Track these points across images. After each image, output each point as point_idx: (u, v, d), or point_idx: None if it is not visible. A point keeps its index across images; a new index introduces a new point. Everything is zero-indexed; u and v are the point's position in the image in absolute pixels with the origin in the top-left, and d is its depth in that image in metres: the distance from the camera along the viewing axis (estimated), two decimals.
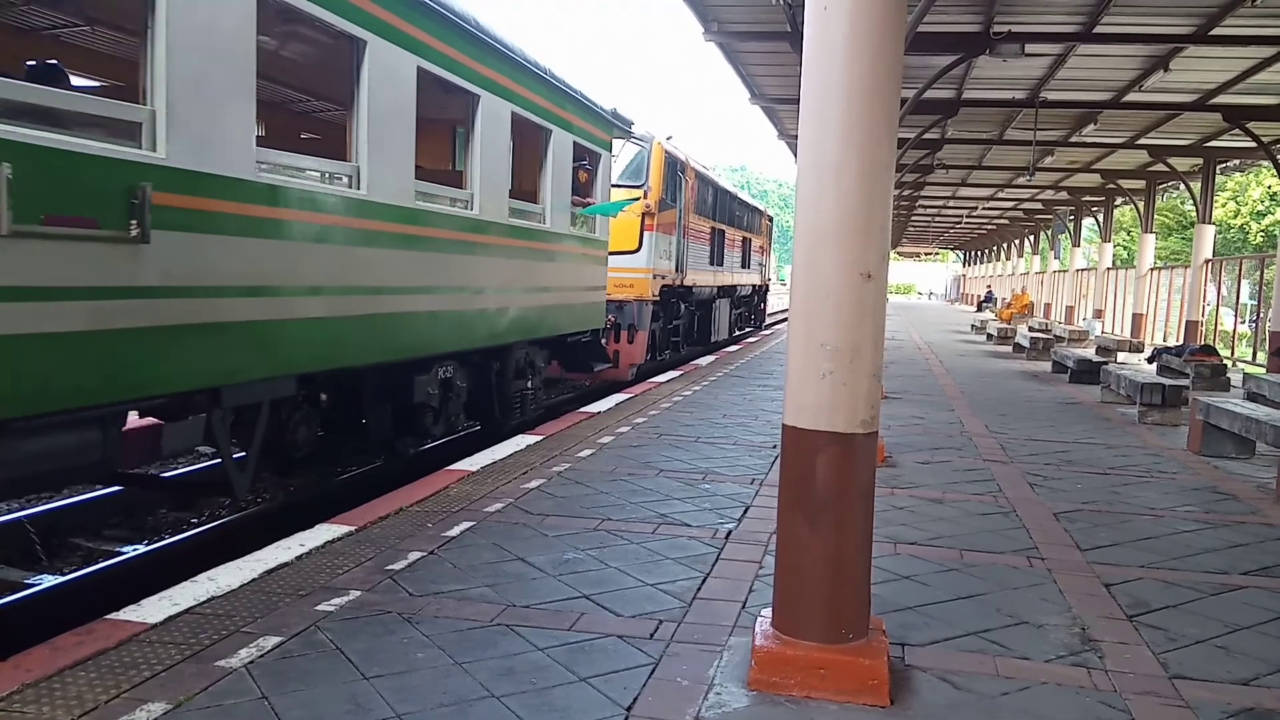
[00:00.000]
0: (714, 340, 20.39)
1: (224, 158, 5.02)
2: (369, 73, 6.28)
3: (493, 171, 8.35)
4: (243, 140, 5.19)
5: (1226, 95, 16.48)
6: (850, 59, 3.29)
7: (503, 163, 8.56)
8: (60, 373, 4.15)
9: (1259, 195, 42.81)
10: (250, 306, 5.34)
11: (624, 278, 13.84)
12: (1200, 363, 14.21)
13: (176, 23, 4.69)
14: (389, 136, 6.61)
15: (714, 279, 19.89)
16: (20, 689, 3.09)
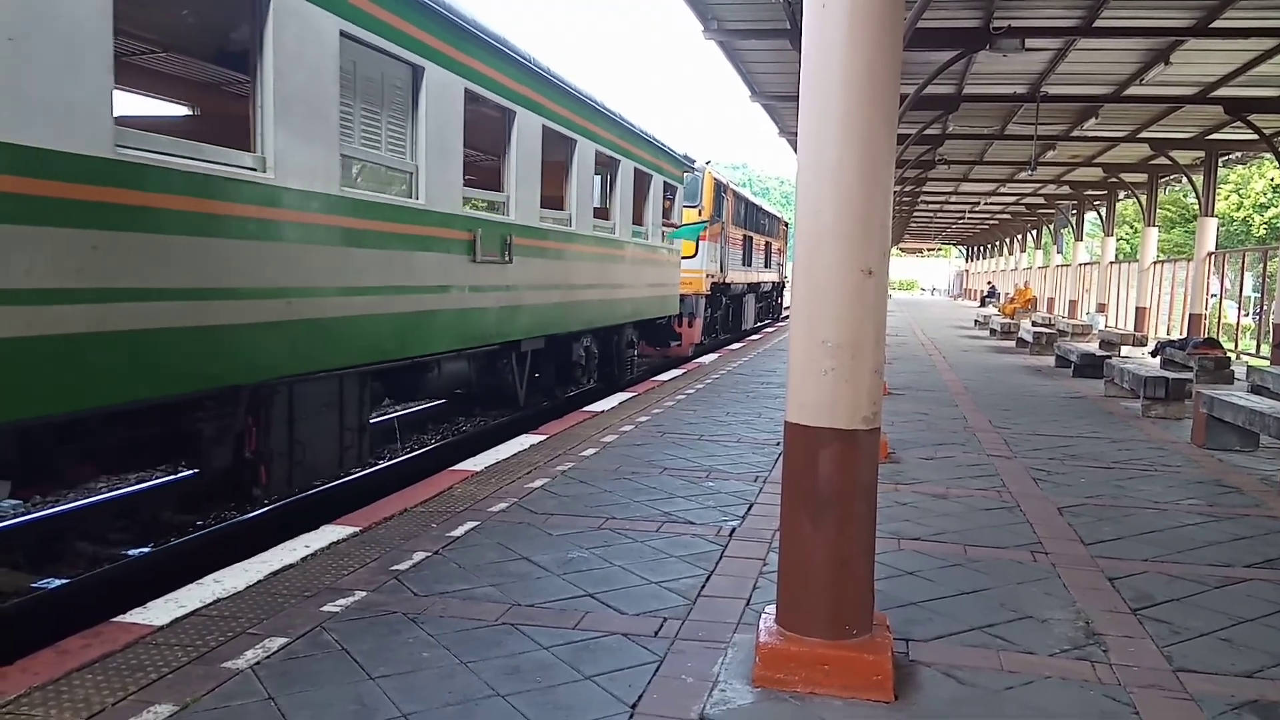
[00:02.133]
0: (743, 328, 24.61)
1: (533, 216, 9.67)
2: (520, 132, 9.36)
3: (624, 204, 12.74)
4: (534, 203, 9.71)
5: (1228, 88, 16.44)
6: (849, 56, 3.29)
7: (629, 198, 12.95)
8: (484, 327, 8.66)
9: (1261, 188, 42.67)
10: (541, 295, 9.91)
11: (686, 277, 17.51)
12: (1204, 356, 14.19)
13: (521, 149, 9.33)
14: (586, 189, 11.25)
15: (744, 277, 24.14)
16: (28, 692, 3.10)
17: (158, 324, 4.88)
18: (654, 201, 14.26)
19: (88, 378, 4.51)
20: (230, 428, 5.85)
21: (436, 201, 7.59)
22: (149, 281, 4.81)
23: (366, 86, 6.72)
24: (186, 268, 5.06)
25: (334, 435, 6.78)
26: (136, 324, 4.74)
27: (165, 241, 4.90)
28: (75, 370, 4.43)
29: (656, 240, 14.52)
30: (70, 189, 4.33)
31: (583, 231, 11.10)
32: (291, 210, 5.89)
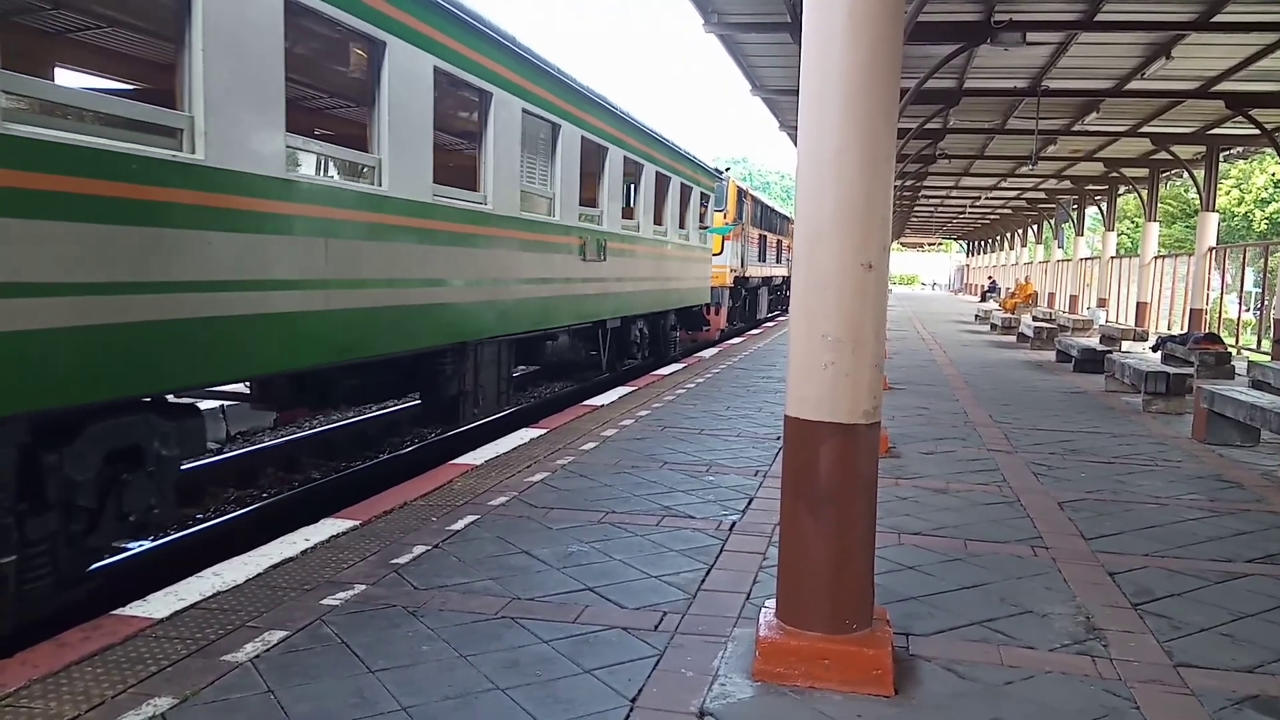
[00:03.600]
0: (758, 317, 27.77)
1: (616, 225, 12.26)
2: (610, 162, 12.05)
3: (672, 212, 15.53)
4: (618, 215, 12.41)
5: (1229, 82, 16.42)
6: (849, 49, 3.28)
7: (675, 208, 15.81)
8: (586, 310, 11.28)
9: (1263, 182, 42.64)
10: (619, 286, 12.62)
11: (714, 271, 20.17)
12: (1204, 351, 14.17)
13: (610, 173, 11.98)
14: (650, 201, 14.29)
15: (760, 271, 27.01)
16: (28, 685, 3.10)
17: (452, 300, 7.94)
18: (693, 209, 17.27)
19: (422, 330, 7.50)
20: (459, 371, 8.48)
21: (566, 218, 10.51)
22: (441, 274, 7.66)
23: (533, 141, 9.59)
24: (453, 264, 7.90)
25: (497, 382, 9.39)
26: (442, 299, 7.74)
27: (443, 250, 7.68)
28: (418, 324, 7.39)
29: (694, 240, 17.44)
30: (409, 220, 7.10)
31: (645, 235, 14.02)
32: (500, 229, 8.81)
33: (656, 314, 15.48)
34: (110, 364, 4.47)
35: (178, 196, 4.80)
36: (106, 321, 4.39)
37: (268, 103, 5.45)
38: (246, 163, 5.27)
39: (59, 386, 4.17)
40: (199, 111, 4.94)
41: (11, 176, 3.90)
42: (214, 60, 4.98)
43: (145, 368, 4.69)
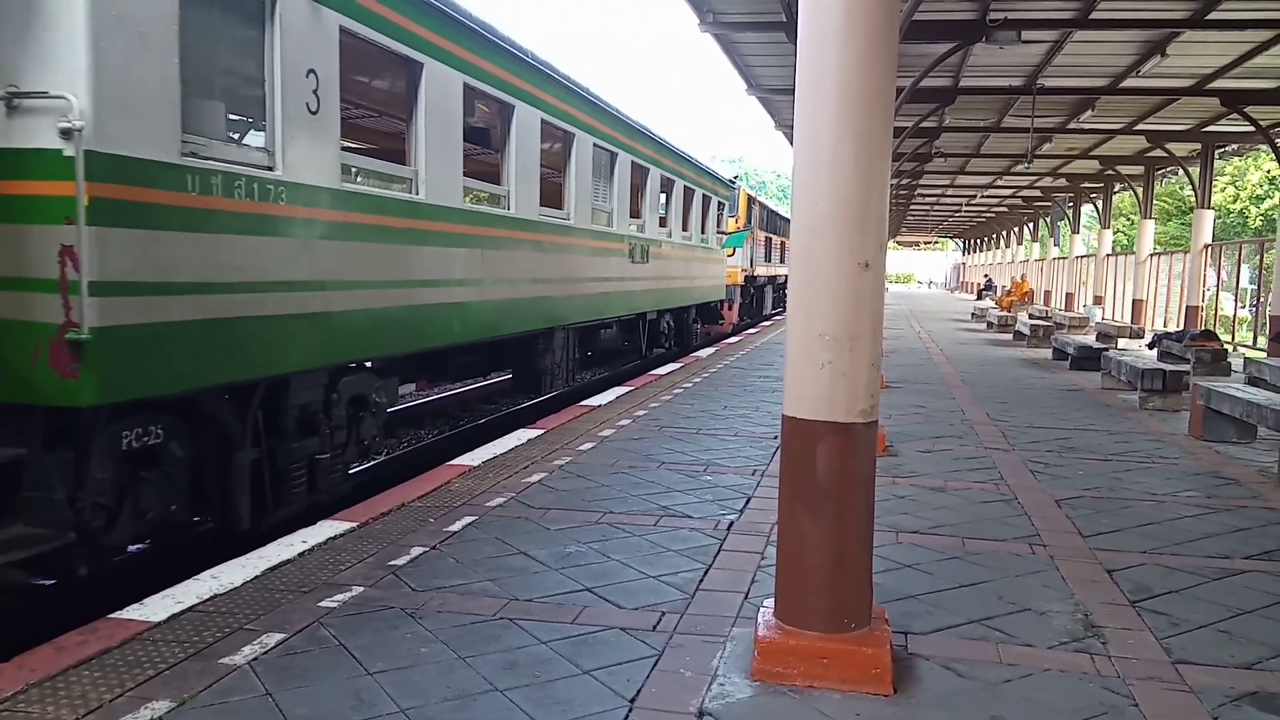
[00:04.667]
0: (763, 313, 30.12)
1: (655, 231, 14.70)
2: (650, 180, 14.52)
3: (695, 220, 17.93)
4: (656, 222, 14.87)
5: (1224, 80, 16.43)
6: (844, 48, 3.28)
7: (698, 216, 18.17)
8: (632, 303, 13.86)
9: (1258, 179, 42.72)
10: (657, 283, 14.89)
11: (728, 271, 22.22)
12: (1201, 348, 14.20)
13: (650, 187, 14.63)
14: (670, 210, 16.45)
15: (766, 271, 29.48)
16: (25, 689, 3.09)
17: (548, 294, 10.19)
18: (711, 216, 19.48)
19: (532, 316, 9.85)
20: (546, 350, 10.88)
21: (620, 227, 12.88)
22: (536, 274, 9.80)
23: (598, 167, 11.88)
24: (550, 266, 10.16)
25: (567, 362, 11.78)
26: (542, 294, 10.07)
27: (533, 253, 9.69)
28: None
29: (713, 244, 19.71)
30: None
31: (675, 240, 16.34)
32: (578, 239, 11.13)
33: (682, 308, 17.85)
34: (375, 335, 6.70)
35: (410, 224, 7.13)
36: (377, 306, 6.64)
37: (453, 158, 7.73)
38: (445, 199, 7.63)
39: (350, 348, 6.46)
40: (421, 166, 7.27)
41: (346, 215, 6.23)
42: (430, 131, 7.29)
43: (390, 338, 6.95)
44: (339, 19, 6.06)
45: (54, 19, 4.20)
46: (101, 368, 4.30)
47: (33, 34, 4.22)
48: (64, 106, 4.17)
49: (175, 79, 4.72)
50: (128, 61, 4.42)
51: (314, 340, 5.91)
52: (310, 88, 5.81)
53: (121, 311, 4.41)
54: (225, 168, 5.09)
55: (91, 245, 4.25)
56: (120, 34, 4.37)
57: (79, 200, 4.20)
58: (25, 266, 4.26)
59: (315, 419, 6.23)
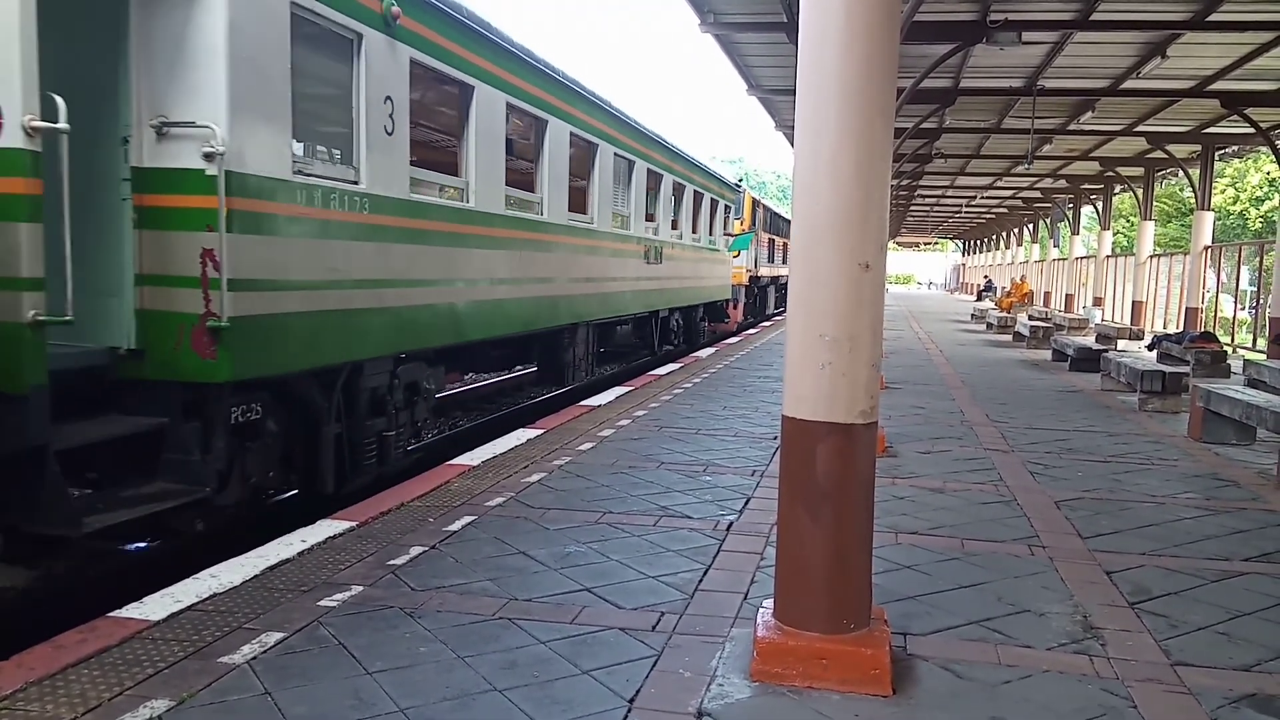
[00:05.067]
0: (766, 312, 31.21)
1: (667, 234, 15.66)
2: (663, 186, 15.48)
3: (704, 223, 18.85)
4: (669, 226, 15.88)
5: (1225, 81, 16.43)
6: (846, 49, 3.28)
7: (706, 219, 19.09)
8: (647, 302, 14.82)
9: (1258, 181, 42.70)
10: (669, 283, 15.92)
11: (734, 271, 22.97)
12: (1200, 349, 14.19)
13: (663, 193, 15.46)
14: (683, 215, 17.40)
15: (769, 271, 30.48)
16: (24, 687, 3.09)
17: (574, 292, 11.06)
18: (719, 218, 20.46)
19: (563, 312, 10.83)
20: (570, 345, 11.67)
21: (636, 230, 13.81)
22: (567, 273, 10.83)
23: (617, 175, 12.79)
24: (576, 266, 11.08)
25: (588, 355, 12.57)
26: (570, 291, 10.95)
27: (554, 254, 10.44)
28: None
29: (719, 246, 20.63)
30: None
31: (685, 242, 17.20)
32: (601, 241, 12.02)
33: (691, 307, 18.72)
34: (431, 327, 7.59)
35: (461, 229, 7.97)
36: (434, 302, 7.53)
37: (497, 168, 8.64)
38: (490, 206, 8.50)
39: (412, 339, 7.28)
40: (471, 179, 8.15)
41: (412, 222, 7.11)
42: (478, 146, 8.18)
43: (443, 330, 7.84)
44: (410, 52, 6.99)
45: (199, 61, 5.06)
46: (234, 350, 5.18)
47: (179, 74, 5.07)
48: (208, 134, 5.02)
49: (289, 108, 5.61)
50: (255, 95, 5.31)
51: (384, 331, 6.83)
52: (387, 112, 6.72)
53: (250, 304, 5.30)
54: (324, 183, 6.02)
55: (229, 249, 5.10)
56: (250, 73, 5.25)
57: (220, 211, 5.04)
58: (172, 266, 5.11)
59: (383, 401, 7.10)
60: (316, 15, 5.90)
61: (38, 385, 4.39)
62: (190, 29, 5.05)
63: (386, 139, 6.71)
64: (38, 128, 4.35)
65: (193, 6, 5.04)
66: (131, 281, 5.16)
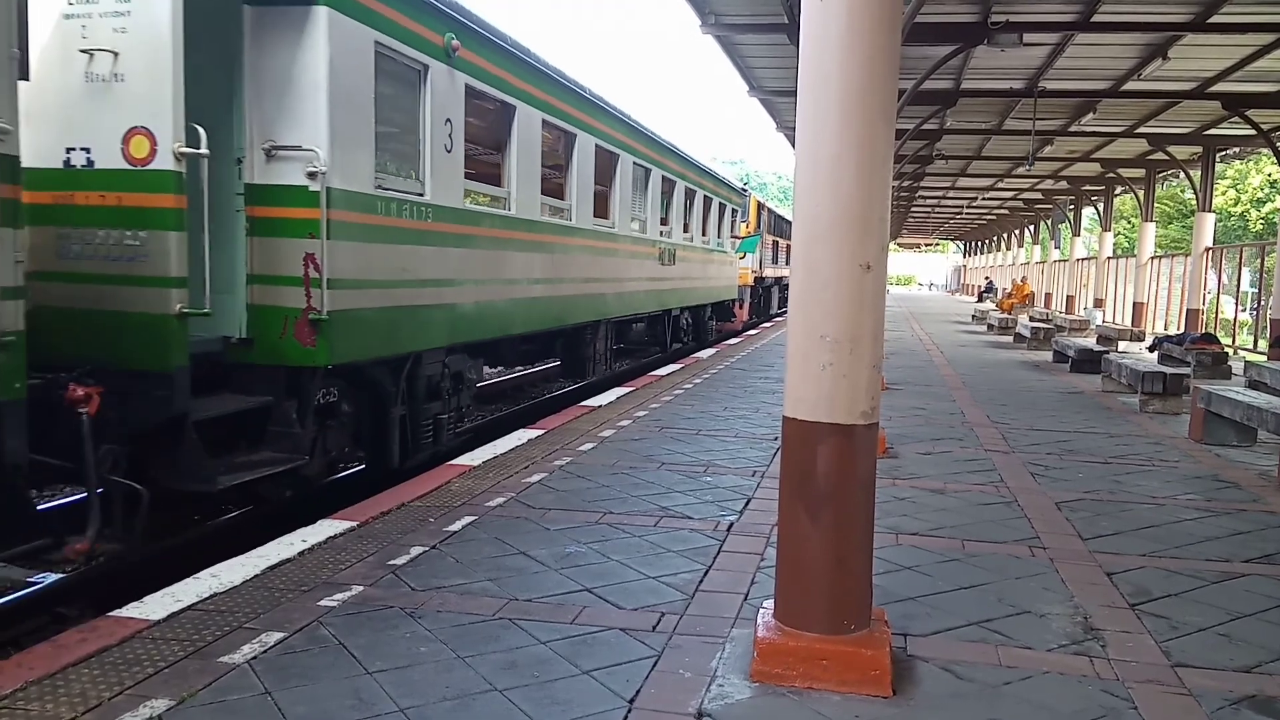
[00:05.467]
0: (770, 312, 31.97)
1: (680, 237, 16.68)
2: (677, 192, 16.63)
3: (713, 226, 19.80)
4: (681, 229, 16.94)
5: (1226, 83, 16.42)
6: (847, 50, 3.28)
7: (715, 222, 20.06)
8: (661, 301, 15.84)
9: (1259, 183, 42.67)
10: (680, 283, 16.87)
11: (740, 272, 24.15)
12: (1201, 351, 14.20)
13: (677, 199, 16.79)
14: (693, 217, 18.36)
15: (773, 272, 31.46)
16: (24, 686, 3.09)
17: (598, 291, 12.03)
18: (726, 221, 21.51)
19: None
20: (591, 340, 12.70)
21: (652, 234, 14.82)
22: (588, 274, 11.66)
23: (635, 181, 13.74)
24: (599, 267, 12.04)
25: (607, 351, 13.57)
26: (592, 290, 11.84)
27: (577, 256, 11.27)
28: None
29: (727, 248, 21.72)
30: None
31: (696, 245, 18.15)
32: (620, 244, 12.98)
33: (700, 306, 19.71)
34: (478, 322, 8.44)
35: (504, 233, 8.90)
36: (480, 299, 8.40)
37: (533, 179, 9.56)
38: (528, 213, 9.45)
39: (462, 332, 8.13)
40: (512, 189, 9.09)
41: (465, 228, 8.00)
42: (519, 159, 9.14)
43: (488, 324, 8.68)
44: (465, 79, 7.88)
45: (304, 94, 5.95)
46: (330, 339, 6.09)
47: (286, 104, 5.95)
48: (311, 156, 5.91)
49: (373, 131, 6.54)
50: (348, 122, 6.23)
51: (441, 325, 7.75)
52: (447, 132, 7.61)
53: (343, 300, 6.19)
54: (397, 195, 6.94)
55: (328, 253, 5.99)
56: (344, 103, 6.16)
57: (322, 222, 5.94)
58: (279, 268, 6.00)
59: (438, 387, 7.95)
60: (393, 51, 6.79)
61: (181, 366, 5.35)
62: (296, 67, 5.92)
63: (446, 155, 7.61)
64: (184, 153, 5.29)
65: (298, 48, 5.91)
66: (244, 280, 6.03)
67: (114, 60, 5.25)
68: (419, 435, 7.70)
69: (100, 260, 5.36)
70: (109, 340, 5.29)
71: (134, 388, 5.23)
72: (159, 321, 5.26)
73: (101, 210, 5.35)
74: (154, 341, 5.28)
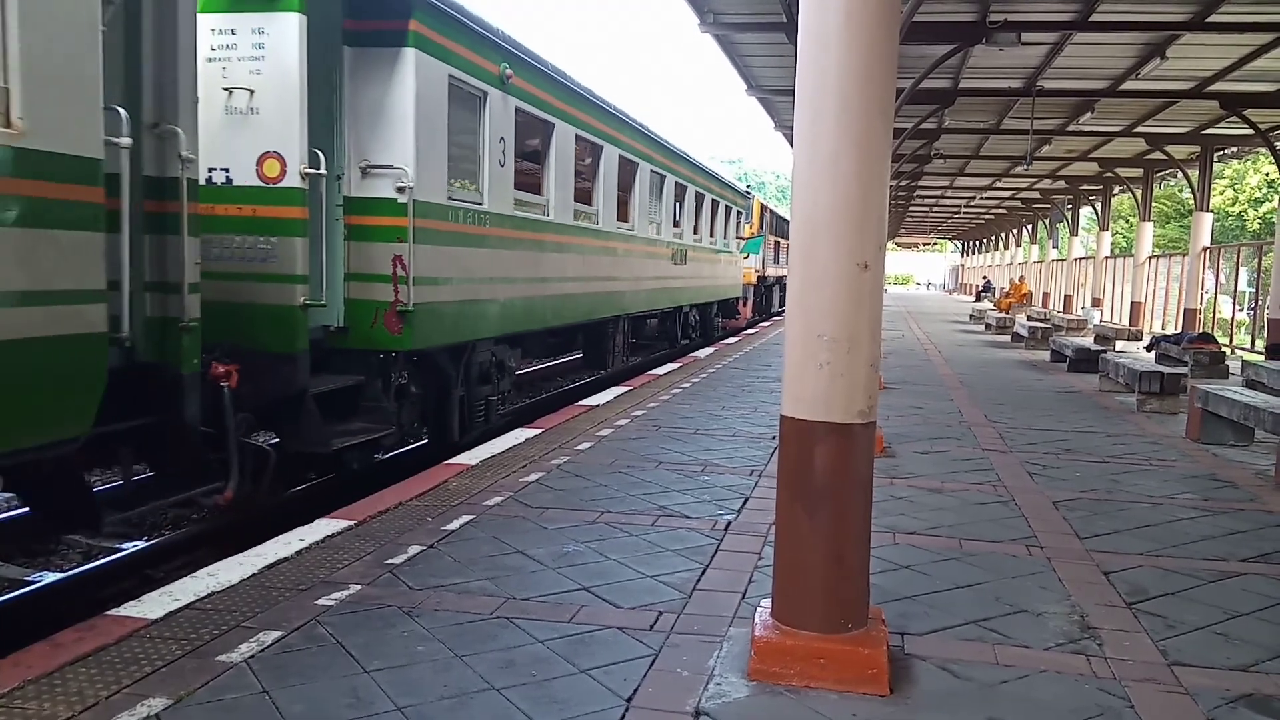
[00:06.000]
0: (772, 310, 32.74)
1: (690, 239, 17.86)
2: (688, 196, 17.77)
3: (719, 228, 20.85)
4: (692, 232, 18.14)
5: (1224, 82, 16.44)
6: (845, 49, 3.28)
7: (722, 224, 21.21)
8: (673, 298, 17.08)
9: (1256, 182, 42.70)
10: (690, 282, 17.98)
11: (745, 272, 25.53)
12: (1198, 350, 14.20)
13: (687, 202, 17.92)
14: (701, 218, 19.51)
15: (775, 271, 32.45)
16: (21, 685, 3.09)
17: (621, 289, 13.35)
18: (732, 224, 22.67)
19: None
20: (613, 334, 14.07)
21: (666, 235, 15.95)
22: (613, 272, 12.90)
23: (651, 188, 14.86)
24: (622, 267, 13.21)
25: (624, 344, 14.87)
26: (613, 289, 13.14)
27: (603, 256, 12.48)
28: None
29: (732, 249, 22.89)
30: None
31: (704, 246, 19.22)
32: (638, 245, 14.10)
33: (707, 304, 20.79)
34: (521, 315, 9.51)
35: (543, 236, 10.03)
36: (525, 295, 9.49)
37: (568, 187, 10.72)
38: (563, 218, 10.58)
39: (509, 324, 9.18)
40: (550, 196, 10.24)
41: (513, 232, 9.17)
42: (556, 170, 10.34)
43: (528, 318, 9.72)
44: (516, 102, 9.05)
45: (394, 122, 7.02)
46: (414, 327, 7.16)
47: (379, 130, 7.03)
48: (400, 174, 6.99)
49: (446, 151, 7.59)
50: (428, 144, 7.29)
51: (494, 317, 8.79)
52: (500, 149, 8.72)
53: (423, 294, 7.25)
54: (463, 205, 8.01)
55: (412, 255, 7.09)
56: (426, 128, 7.24)
57: (409, 229, 7.03)
58: (371, 267, 7.05)
59: (488, 372, 8.99)
60: (462, 82, 7.89)
61: (303, 349, 6.39)
62: (388, 99, 6.99)
63: (500, 169, 8.72)
64: (308, 173, 6.39)
65: (389, 83, 6.98)
66: (342, 278, 7.04)
67: (250, 96, 6.29)
68: (473, 414, 8.71)
69: (237, 261, 6.33)
70: (244, 327, 6.14)
71: (265, 366, 6.09)
72: (287, 312, 6.31)
73: (239, 220, 6.34)
74: (283, 328, 6.29)
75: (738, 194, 23.92)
